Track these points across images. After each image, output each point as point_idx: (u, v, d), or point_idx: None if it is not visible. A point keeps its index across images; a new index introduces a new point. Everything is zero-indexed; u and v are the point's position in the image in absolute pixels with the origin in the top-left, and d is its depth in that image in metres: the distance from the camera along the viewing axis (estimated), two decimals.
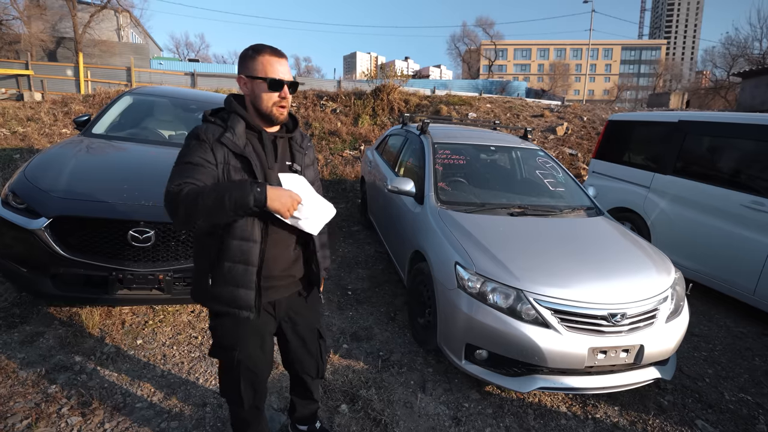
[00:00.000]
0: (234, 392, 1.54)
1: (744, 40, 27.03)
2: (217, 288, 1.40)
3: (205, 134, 1.35)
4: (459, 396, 2.42)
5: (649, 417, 2.36)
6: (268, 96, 1.38)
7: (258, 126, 1.43)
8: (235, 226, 1.36)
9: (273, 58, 1.38)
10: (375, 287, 3.73)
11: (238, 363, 1.49)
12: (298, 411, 1.89)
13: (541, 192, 3.50)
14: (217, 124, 1.39)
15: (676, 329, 2.40)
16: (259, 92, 1.38)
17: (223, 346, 1.50)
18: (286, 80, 1.38)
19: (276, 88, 1.37)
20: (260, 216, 1.37)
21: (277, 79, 1.36)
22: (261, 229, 1.39)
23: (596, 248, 2.71)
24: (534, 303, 2.22)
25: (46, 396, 2.11)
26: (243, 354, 1.48)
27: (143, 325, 2.83)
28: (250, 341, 1.50)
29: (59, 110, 9.62)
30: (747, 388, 2.71)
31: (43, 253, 2.40)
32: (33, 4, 21.64)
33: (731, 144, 3.87)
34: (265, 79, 1.36)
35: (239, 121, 1.40)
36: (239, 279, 1.38)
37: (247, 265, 1.38)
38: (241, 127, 1.39)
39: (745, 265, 3.47)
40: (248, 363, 1.50)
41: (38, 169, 2.75)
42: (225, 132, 1.36)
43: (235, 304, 1.40)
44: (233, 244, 1.36)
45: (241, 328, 1.47)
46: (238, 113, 1.41)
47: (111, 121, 3.79)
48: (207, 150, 1.33)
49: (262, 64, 1.36)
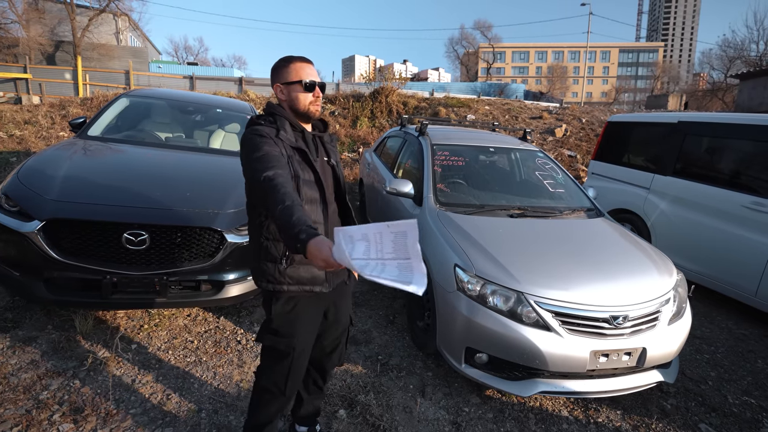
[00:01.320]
0: (280, 381, 1.59)
1: (741, 42, 27.18)
2: (293, 269, 1.52)
3: (264, 131, 1.48)
4: (459, 400, 2.38)
5: (651, 421, 2.33)
6: (304, 96, 1.55)
7: (300, 126, 1.59)
8: (306, 210, 1.46)
9: (303, 64, 1.57)
10: (374, 290, 3.69)
11: (292, 350, 1.56)
12: (304, 406, 1.88)
13: (541, 193, 3.48)
14: (268, 125, 1.52)
15: (679, 332, 2.37)
16: (296, 94, 1.55)
17: (280, 333, 1.56)
18: (318, 81, 1.57)
19: (310, 89, 1.55)
20: (321, 200, 1.56)
21: (310, 81, 1.55)
22: (323, 212, 1.57)
23: (597, 250, 2.68)
24: (535, 305, 2.19)
25: (38, 402, 2.06)
26: (299, 341, 1.57)
27: (138, 330, 2.79)
28: (307, 329, 1.60)
29: (57, 113, 9.59)
30: (750, 390, 2.68)
31: (37, 256, 2.36)
32: (31, 7, 21.62)
33: (731, 145, 3.85)
34: (300, 81, 1.54)
35: (286, 122, 1.55)
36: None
37: None
38: (289, 127, 1.55)
39: (747, 267, 3.44)
40: (301, 350, 1.59)
41: (32, 172, 2.71)
42: (279, 130, 1.51)
43: (313, 281, 1.54)
44: None
45: (303, 314, 1.57)
46: (283, 116, 1.56)
47: (107, 123, 3.75)
48: (273, 143, 1.46)
49: (295, 71, 1.55)
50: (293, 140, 1.53)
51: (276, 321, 1.56)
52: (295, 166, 1.49)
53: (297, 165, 1.50)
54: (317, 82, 1.58)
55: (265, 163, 1.38)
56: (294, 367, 1.59)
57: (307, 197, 1.52)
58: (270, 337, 1.57)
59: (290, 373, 1.58)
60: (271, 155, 1.41)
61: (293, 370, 1.59)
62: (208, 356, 2.58)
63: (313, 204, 1.54)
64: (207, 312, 3.09)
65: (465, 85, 29.31)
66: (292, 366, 1.58)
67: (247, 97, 12.26)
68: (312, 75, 1.57)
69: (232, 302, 2.79)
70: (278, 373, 1.59)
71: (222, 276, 2.64)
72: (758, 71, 12.49)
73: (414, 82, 30.14)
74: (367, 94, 10.94)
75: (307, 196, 1.52)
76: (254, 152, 1.42)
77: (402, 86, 11.62)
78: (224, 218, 2.62)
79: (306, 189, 1.52)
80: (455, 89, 23.16)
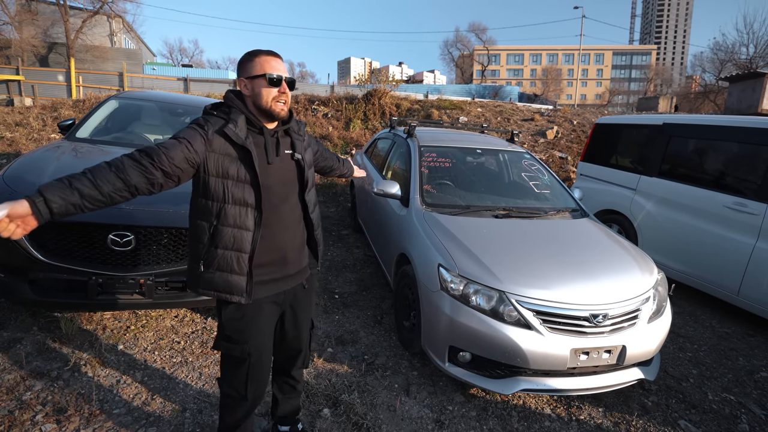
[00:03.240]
0: (240, 386, 1.56)
1: (731, 45, 27.49)
2: (208, 274, 1.45)
3: (206, 123, 1.41)
4: (443, 399, 2.40)
5: (632, 418, 2.36)
6: (268, 91, 1.44)
7: (259, 123, 1.48)
8: (228, 214, 1.42)
9: (269, 58, 1.45)
10: (363, 291, 3.71)
11: (248, 356, 1.52)
12: (281, 407, 1.88)
13: (527, 194, 3.52)
14: (220, 116, 1.45)
15: (659, 330, 2.41)
16: (259, 89, 1.44)
17: (232, 340, 1.52)
18: (284, 76, 1.46)
19: (275, 84, 1.44)
20: (256, 204, 1.44)
21: (275, 75, 1.43)
22: (254, 218, 1.45)
23: (579, 249, 2.72)
24: (516, 304, 2.22)
25: (21, 403, 2.07)
26: (253, 346, 1.52)
27: (125, 331, 2.79)
28: (261, 333, 1.55)
29: (48, 115, 9.55)
30: (730, 387, 2.72)
31: (21, 257, 2.36)
32: (24, 9, 21.51)
33: (714, 146, 3.91)
34: (263, 75, 1.42)
35: (241, 116, 1.45)
36: (232, 266, 1.44)
37: (240, 251, 1.44)
38: (242, 121, 1.45)
39: (729, 266, 3.50)
40: (257, 355, 1.54)
41: (17, 173, 2.71)
42: (228, 123, 1.42)
43: (228, 290, 1.45)
44: (227, 232, 1.43)
45: (252, 320, 1.51)
46: (240, 108, 1.46)
47: (96, 124, 3.76)
48: (200, 138, 1.38)
49: (260, 64, 1.44)
50: (242, 137, 1.41)
51: (227, 328, 1.51)
52: (227, 164, 1.40)
53: (230, 163, 1.40)
54: (284, 77, 1.46)
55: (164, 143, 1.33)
56: (252, 372, 1.54)
57: (236, 199, 1.42)
58: (224, 344, 1.54)
59: (249, 378, 1.54)
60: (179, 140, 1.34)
61: (252, 375, 1.55)
62: (195, 357, 2.59)
63: (242, 207, 1.43)
64: (194, 313, 3.10)
65: (460, 87, 29.43)
66: (250, 371, 1.54)
67: None
68: (278, 69, 1.45)
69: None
70: (237, 379, 1.56)
71: None
72: (747, 74, 12.64)
73: (409, 84, 30.25)
74: (360, 96, 10.98)
75: (236, 197, 1.42)
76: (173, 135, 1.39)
77: (395, 88, 11.66)
78: None
79: (236, 190, 1.41)
80: (450, 91, 23.26)
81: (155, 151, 1.31)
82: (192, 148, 1.36)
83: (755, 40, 25.33)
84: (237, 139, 1.40)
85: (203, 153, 1.38)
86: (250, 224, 1.44)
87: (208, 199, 1.43)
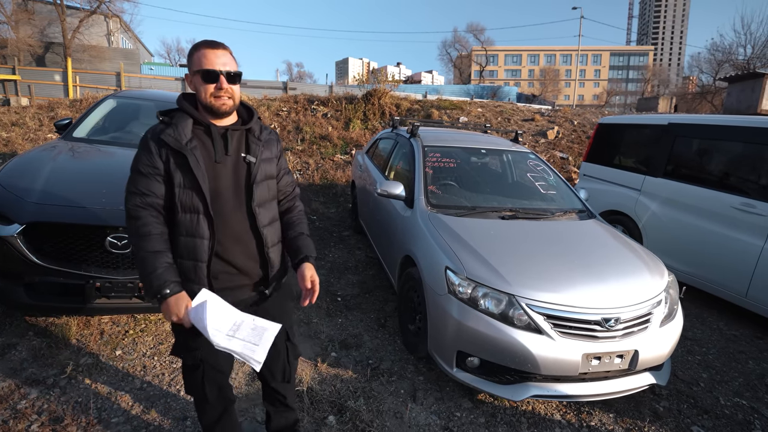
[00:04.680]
0: (198, 390, 1.55)
1: (729, 46, 27.45)
2: None
3: (151, 134, 1.39)
4: (450, 405, 2.35)
5: (644, 424, 2.31)
6: (205, 88, 1.37)
7: (205, 120, 1.42)
8: (182, 223, 1.38)
9: (208, 50, 1.37)
10: (365, 293, 3.65)
11: (201, 362, 1.49)
12: (274, 421, 1.82)
13: (533, 195, 3.46)
14: (163, 122, 1.41)
15: (671, 333, 2.36)
16: (198, 85, 1.38)
17: (185, 346, 1.50)
18: (220, 70, 1.36)
19: (211, 80, 1.36)
20: (204, 210, 1.38)
21: (209, 69, 1.35)
22: (209, 225, 1.39)
23: (588, 252, 2.67)
24: (526, 308, 2.16)
25: (15, 412, 2.00)
26: (205, 352, 1.47)
27: (123, 335, 2.72)
28: None
29: (45, 115, 9.45)
30: (742, 392, 2.67)
31: (16, 261, 2.30)
32: (21, 8, 21.34)
33: (721, 146, 3.87)
34: (200, 71, 1.36)
35: (185, 117, 1.40)
36: (191, 275, 1.40)
37: (196, 261, 1.39)
38: (186, 123, 1.39)
39: (737, 267, 3.45)
40: (211, 361, 1.50)
41: (12, 174, 2.64)
42: (166, 129, 1.37)
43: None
44: (180, 241, 1.39)
45: None
46: (184, 109, 1.42)
47: (93, 124, 3.69)
48: (152, 153, 1.36)
49: (198, 59, 1.37)
50: (182, 141, 1.35)
51: (178, 335, 1.50)
52: (172, 171, 1.35)
53: (174, 170, 1.35)
54: (221, 71, 1.35)
55: (133, 184, 1.37)
56: (209, 378, 1.51)
57: (185, 206, 1.37)
58: (177, 349, 1.53)
59: (205, 383, 1.51)
60: (144, 173, 1.36)
61: (207, 380, 1.51)
62: None
63: (193, 214, 1.37)
64: None
65: (458, 87, 29.43)
66: (205, 377, 1.51)
67: None
68: (216, 63, 1.35)
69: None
70: (194, 383, 1.54)
71: None
72: (746, 74, 12.64)
73: (407, 84, 30.20)
74: (359, 96, 10.92)
75: (185, 205, 1.37)
76: (132, 163, 1.40)
77: (395, 88, 11.60)
78: None
79: (184, 197, 1.37)
80: (448, 92, 23.22)
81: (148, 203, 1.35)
82: (159, 171, 1.36)
83: (753, 41, 25.33)
84: (174, 144, 1.35)
85: (161, 166, 1.36)
86: (204, 232, 1.38)
87: (166, 209, 1.40)
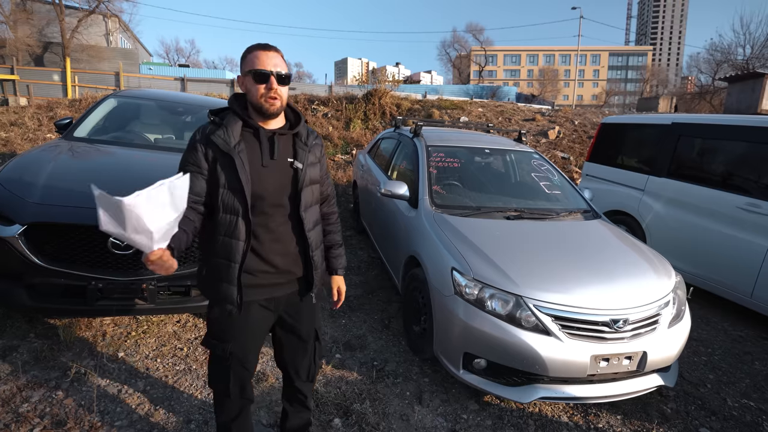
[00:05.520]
0: (222, 384, 1.56)
1: (728, 46, 27.39)
2: (207, 279, 1.49)
3: (200, 134, 1.42)
4: (457, 407, 2.32)
5: (652, 426, 2.29)
6: (256, 88, 1.40)
7: (254, 123, 1.45)
8: (220, 223, 1.41)
9: (260, 52, 1.40)
10: (368, 294, 3.63)
11: (230, 355, 1.51)
12: (290, 420, 1.81)
13: (537, 195, 3.44)
14: (214, 122, 1.44)
15: (679, 335, 2.34)
16: (250, 86, 1.41)
17: (217, 337, 1.52)
18: (271, 71, 1.38)
19: (261, 80, 1.38)
20: (244, 212, 1.40)
21: (261, 70, 1.38)
22: (246, 228, 1.41)
23: (595, 252, 2.65)
24: (534, 309, 2.14)
25: (17, 416, 1.97)
26: (236, 347, 1.51)
27: (125, 337, 2.69)
28: (245, 335, 1.52)
29: (44, 115, 9.41)
30: (749, 393, 2.66)
31: (18, 262, 2.26)
32: (19, 8, 21.26)
33: (725, 146, 3.86)
34: (251, 71, 1.39)
35: (234, 119, 1.43)
36: (223, 275, 1.43)
37: (230, 261, 1.42)
38: (236, 125, 1.42)
39: (742, 268, 3.44)
40: (240, 356, 1.52)
41: (13, 174, 2.61)
42: (217, 130, 1.40)
43: (220, 297, 1.45)
44: (219, 240, 1.43)
45: (237, 321, 1.49)
46: (235, 111, 1.45)
47: (94, 124, 3.65)
48: (197, 152, 1.40)
49: (251, 60, 1.40)
50: (230, 143, 1.38)
51: (211, 326, 1.53)
52: (218, 172, 1.39)
53: (220, 171, 1.39)
54: (272, 72, 1.37)
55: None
56: (234, 373, 1.53)
57: (227, 207, 1.40)
58: (208, 340, 1.55)
59: (231, 378, 1.53)
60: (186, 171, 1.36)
61: (234, 375, 1.53)
62: (198, 364, 2.50)
63: (232, 216, 1.39)
64: (197, 318, 3.00)
65: (457, 87, 29.42)
66: (232, 371, 1.53)
67: None
68: (267, 64, 1.38)
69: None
70: (220, 377, 1.56)
71: None
72: (746, 74, 12.65)
73: (406, 84, 30.16)
74: (360, 96, 10.89)
75: (227, 206, 1.39)
76: (181, 160, 1.43)
77: (395, 88, 11.59)
78: None
79: (227, 198, 1.39)
80: (448, 92, 23.19)
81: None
82: (203, 170, 1.40)
83: (752, 41, 25.35)
84: (223, 146, 1.38)
85: (207, 166, 1.41)
86: (241, 234, 1.41)
87: (207, 207, 1.44)
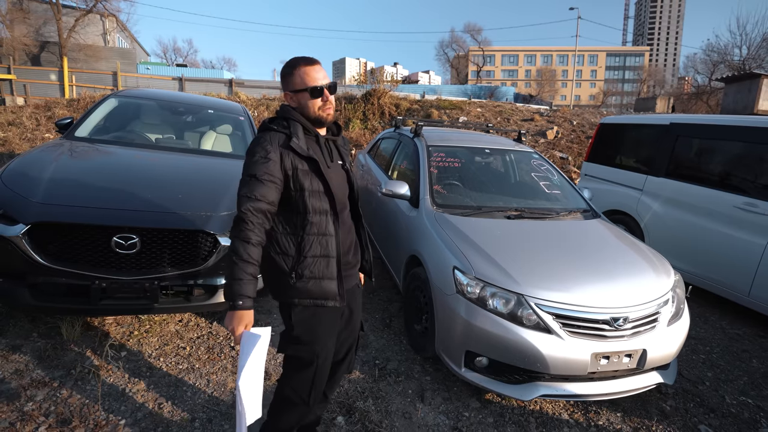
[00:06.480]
0: (304, 391, 1.57)
1: (724, 46, 27.56)
2: (303, 283, 1.49)
3: (271, 144, 1.44)
4: (459, 405, 2.34)
5: (652, 423, 2.31)
6: (313, 103, 1.50)
7: (313, 130, 1.55)
8: (312, 223, 1.49)
9: (308, 68, 1.49)
10: (369, 293, 3.65)
11: (316, 357, 1.54)
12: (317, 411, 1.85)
13: (537, 195, 3.47)
14: (280, 131, 1.48)
15: (678, 333, 2.37)
16: (305, 102, 1.50)
17: (302, 341, 1.53)
18: (323, 85, 1.49)
19: (317, 95, 1.49)
20: (332, 210, 1.51)
21: (317, 86, 1.48)
22: (333, 223, 1.52)
23: (595, 251, 2.67)
24: (535, 308, 2.16)
25: (22, 414, 1.97)
26: (321, 347, 1.55)
27: (128, 336, 2.70)
28: (328, 333, 1.58)
29: (42, 115, 9.39)
30: (747, 390, 2.69)
31: (21, 261, 2.27)
32: (16, 7, 21.16)
33: (723, 146, 3.89)
34: (306, 89, 1.48)
35: (299, 127, 1.51)
36: (324, 271, 1.50)
37: (328, 257, 1.51)
38: (302, 132, 1.50)
39: (739, 267, 3.47)
40: (325, 356, 1.57)
41: (16, 174, 2.61)
42: (291, 137, 1.46)
43: (324, 296, 1.51)
44: (313, 240, 1.49)
45: (324, 320, 1.54)
46: (298, 121, 1.51)
47: (95, 124, 3.66)
48: (271, 160, 1.42)
49: (300, 77, 1.49)
50: (305, 148, 1.48)
51: (297, 329, 1.53)
52: (300, 178, 1.46)
53: (303, 176, 1.46)
54: (325, 86, 1.50)
55: (249, 189, 1.40)
56: (318, 375, 1.57)
57: (315, 208, 1.49)
58: (293, 347, 1.55)
59: (314, 381, 1.57)
60: (261, 180, 1.40)
61: (317, 378, 1.57)
62: (201, 363, 2.51)
63: (322, 215, 1.51)
64: (199, 317, 3.01)
65: (456, 87, 29.44)
66: (317, 374, 1.56)
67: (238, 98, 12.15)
68: (318, 78, 1.49)
69: (226, 307, 2.71)
70: (302, 383, 1.57)
71: (215, 280, 2.57)
72: (743, 75, 12.73)
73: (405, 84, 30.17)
74: (358, 96, 10.91)
75: (315, 207, 1.49)
76: (246, 168, 1.43)
77: (394, 88, 11.61)
78: (217, 221, 2.55)
79: (314, 200, 1.49)
80: (446, 92, 23.21)
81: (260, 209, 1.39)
82: (276, 179, 1.43)
83: (748, 42, 25.46)
84: (302, 151, 1.46)
85: (282, 176, 1.44)
86: (332, 229, 1.52)
87: (291, 213, 1.50)
